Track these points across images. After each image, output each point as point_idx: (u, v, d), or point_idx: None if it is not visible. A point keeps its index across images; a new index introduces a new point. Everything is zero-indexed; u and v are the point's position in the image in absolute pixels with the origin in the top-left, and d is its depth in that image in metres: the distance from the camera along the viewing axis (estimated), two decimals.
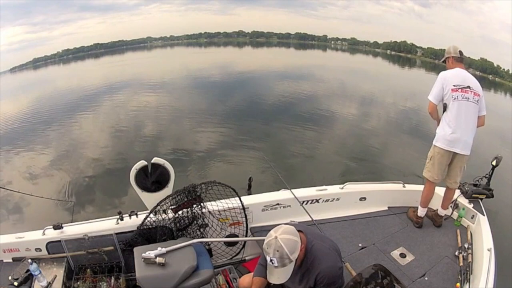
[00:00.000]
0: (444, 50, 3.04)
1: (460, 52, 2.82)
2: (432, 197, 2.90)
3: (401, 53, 39.24)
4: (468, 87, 2.72)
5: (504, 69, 31.09)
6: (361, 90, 14.38)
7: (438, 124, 2.83)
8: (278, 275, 1.62)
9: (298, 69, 20.01)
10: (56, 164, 6.49)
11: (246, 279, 2.08)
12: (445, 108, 2.74)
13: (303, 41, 45.01)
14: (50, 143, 7.68)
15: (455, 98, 2.68)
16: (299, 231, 1.72)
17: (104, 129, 8.55)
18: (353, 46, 42.76)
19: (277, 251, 1.57)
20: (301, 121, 9.05)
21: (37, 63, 29.57)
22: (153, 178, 2.45)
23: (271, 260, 1.59)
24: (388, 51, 40.54)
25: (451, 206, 2.98)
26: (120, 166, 6.09)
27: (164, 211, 2.46)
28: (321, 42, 44.95)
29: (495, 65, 32.10)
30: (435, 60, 35.04)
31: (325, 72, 19.37)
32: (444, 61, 2.95)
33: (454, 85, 2.70)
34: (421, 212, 2.93)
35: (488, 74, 31.65)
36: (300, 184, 3.17)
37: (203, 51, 36.79)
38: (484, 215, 2.78)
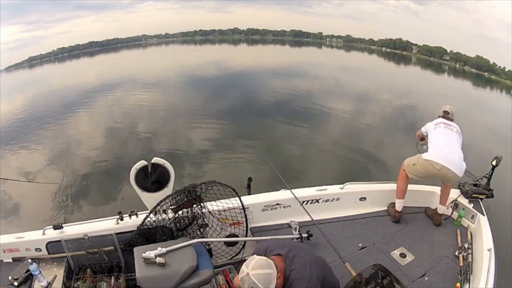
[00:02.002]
0: (440, 47, 3.25)
1: (445, 112, 3.09)
2: (406, 188, 2.94)
3: (397, 50, 39.14)
4: (450, 124, 2.95)
5: (500, 66, 31.13)
6: (357, 88, 14.27)
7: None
8: None
9: (293, 66, 19.91)
10: (53, 163, 6.46)
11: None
12: (427, 138, 2.98)
13: (298, 38, 44.75)
14: (46, 142, 7.61)
15: (437, 127, 2.94)
16: (278, 255, 1.65)
17: (101, 128, 8.48)
18: (349, 43, 42.57)
19: (252, 287, 1.51)
20: (299, 119, 8.98)
21: (32, 62, 29.08)
22: (153, 178, 2.45)
23: None
24: (384, 48, 40.42)
25: (451, 206, 2.98)
26: (119, 165, 6.07)
27: (164, 211, 2.46)
28: (316, 40, 44.69)
29: (491, 62, 32.15)
30: (431, 58, 35.25)
31: (320, 70, 19.25)
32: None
33: (436, 123, 2.99)
34: (399, 205, 2.94)
35: (484, 72, 31.64)
36: (300, 183, 3.17)
37: (198, 48, 36.84)
38: (484, 215, 2.78)
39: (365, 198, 3.10)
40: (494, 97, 22.01)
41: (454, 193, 3.01)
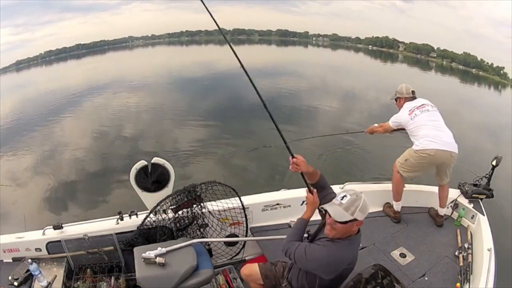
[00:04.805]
0: (427, 45, 3.14)
1: (413, 92, 2.97)
2: (403, 190, 2.95)
3: (383, 48, 39.42)
4: (422, 105, 2.86)
5: (487, 63, 31.36)
6: (344, 86, 14.26)
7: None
8: (333, 207, 1.64)
9: (280, 66, 19.79)
10: (50, 165, 6.39)
11: (247, 267, 2.18)
12: (408, 130, 2.87)
13: (285, 38, 45.06)
14: (39, 146, 7.45)
15: (414, 115, 2.81)
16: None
17: (92, 130, 8.32)
18: (335, 42, 42.83)
19: (355, 197, 1.62)
20: (289, 118, 8.89)
21: (20, 66, 28.87)
22: (153, 178, 2.45)
23: (343, 197, 1.64)
24: (370, 46, 40.71)
25: (451, 206, 2.99)
26: (117, 166, 6.06)
27: (164, 211, 2.46)
28: (302, 39, 44.97)
29: (479, 59, 32.37)
30: (418, 55, 35.55)
31: (307, 69, 19.05)
32: (396, 99, 3.09)
33: (409, 111, 2.84)
34: (397, 206, 2.97)
35: (472, 68, 31.85)
36: (298, 183, 3.15)
37: (184, 49, 36.79)
38: (484, 215, 2.79)
39: None
40: (482, 92, 22.14)
41: (454, 193, 3.01)
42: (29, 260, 2.10)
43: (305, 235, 2.58)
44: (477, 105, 15.20)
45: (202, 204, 2.52)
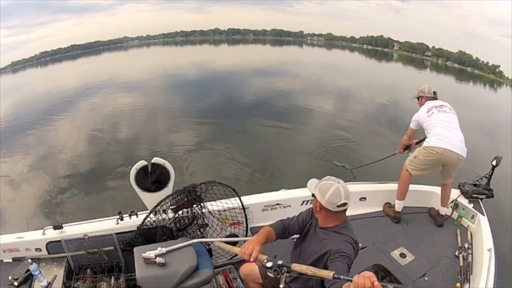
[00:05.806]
0: (422, 43, 3.22)
1: (434, 92, 3.04)
2: (407, 190, 2.95)
3: (378, 47, 39.54)
4: (441, 105, 2.89)
5: (483, 61, 31.49)
6: (339, 85, 14.26)
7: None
8: (313, 180, 1.82)
9: (275, 66, 19.75)
10: (47, 167, 6.33)
11: (246, 266, 2.17)
12: (425, 129, 2.92)
13: (279, 38, 45.23)
14: (36, 146, 7.43)
15: (431, 114, 2.86)
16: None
17: (88, 131, 8.29)
18: (330, 41, 43.06)
19: (327, 178, 1.71)
20: (284, 118, 8.93)
21: (16, 67, 28.95)
22: (153, 178, 2.45)
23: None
24: (365, 45, 40.91)
25: (451, 206, 2.99)
26: (119, 165, 6.06)
27: (164, 211, 2.45)
28: (297, 38, 45.18)
29: (474, 57, 32.49)
30: (413, 54, 35.65)
31: (302, 68, 19.05)
32: (418, 98, 3.16)
33: (427, 109, 2.89)
34: (399, 206, 2.97)
35: (467, 67, 31.98)
36: (298, 183, 3.15)
37: (179, 49, 36.72)
38: (484, 215, 2.79)
39: (365, 198, 3.10)
40: (477, 91, 22.19)
41: (454, 193, 3.02)
42: (29, 260, 2.10)
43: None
44: (474, 103, 15.24)
45: (202, 204, 2.52)
